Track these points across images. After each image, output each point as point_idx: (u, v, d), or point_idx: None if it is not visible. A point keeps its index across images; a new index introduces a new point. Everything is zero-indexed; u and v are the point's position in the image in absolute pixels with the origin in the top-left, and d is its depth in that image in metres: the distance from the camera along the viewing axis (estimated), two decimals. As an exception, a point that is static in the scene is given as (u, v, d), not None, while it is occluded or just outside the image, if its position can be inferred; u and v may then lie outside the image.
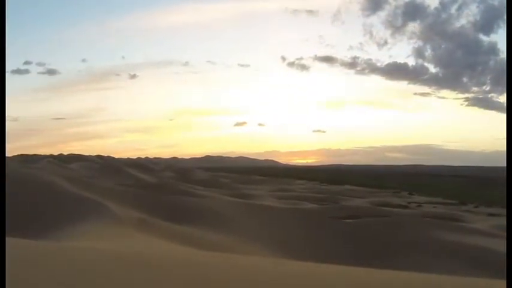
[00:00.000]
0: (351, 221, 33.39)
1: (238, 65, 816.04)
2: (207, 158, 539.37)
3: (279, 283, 7.52)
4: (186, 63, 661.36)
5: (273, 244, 24.13)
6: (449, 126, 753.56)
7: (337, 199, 67.27)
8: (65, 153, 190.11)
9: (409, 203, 68.14)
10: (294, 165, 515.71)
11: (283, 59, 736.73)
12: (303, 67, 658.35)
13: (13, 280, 5.99)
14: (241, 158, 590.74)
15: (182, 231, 23.42)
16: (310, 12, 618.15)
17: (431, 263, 22.19)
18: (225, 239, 23.44)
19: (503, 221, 44.27)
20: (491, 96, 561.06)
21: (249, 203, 40.40)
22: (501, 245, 25.81)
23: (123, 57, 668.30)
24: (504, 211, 57.73)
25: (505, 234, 32.99)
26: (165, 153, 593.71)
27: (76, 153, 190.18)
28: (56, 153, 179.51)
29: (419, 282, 9.05)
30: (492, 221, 44.79)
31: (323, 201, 62.63)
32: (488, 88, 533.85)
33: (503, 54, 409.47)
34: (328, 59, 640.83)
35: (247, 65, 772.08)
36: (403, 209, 55.81)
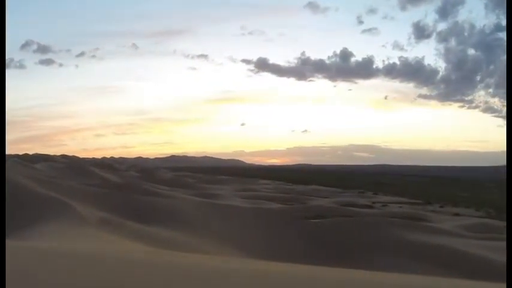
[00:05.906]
0: (315, 221, 33.36)
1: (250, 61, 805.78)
2: (172, 158, 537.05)
3: (241, 282, 7.38)
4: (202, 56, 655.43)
5: (236, 244, 24.01)
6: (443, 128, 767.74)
7: (303, 199, 67.37)
8: (30, 152, 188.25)
9: (374, 202, 68.35)
10: (261, 165, 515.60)
11: (303, 55, 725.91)
12: (316, 65, 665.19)
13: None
14: (206, 158, 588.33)
15: (145, 230, 23.19)
16: (336, 10, 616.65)
17: (396, 263, 22.30)
18: (189, 238, 23.25)
19: (468, 221, 45.14)
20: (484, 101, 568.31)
21: (213, 203, 40.25)
22: (466, 245, 26.15)
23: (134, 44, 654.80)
24: (469, 211, 59.11)
25: (471, 234, 33.67)
26: (134, 152, 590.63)
27: (42, 152, 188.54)
28: (21, 153, 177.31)
29: (384, 281, 8.99)
30: (458, 221, 45.41)
31: (288, 201, 62.64)
32: (490, 91, 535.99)
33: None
34: (342, 59, 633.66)
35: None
36: (368, 209, 56.13)
